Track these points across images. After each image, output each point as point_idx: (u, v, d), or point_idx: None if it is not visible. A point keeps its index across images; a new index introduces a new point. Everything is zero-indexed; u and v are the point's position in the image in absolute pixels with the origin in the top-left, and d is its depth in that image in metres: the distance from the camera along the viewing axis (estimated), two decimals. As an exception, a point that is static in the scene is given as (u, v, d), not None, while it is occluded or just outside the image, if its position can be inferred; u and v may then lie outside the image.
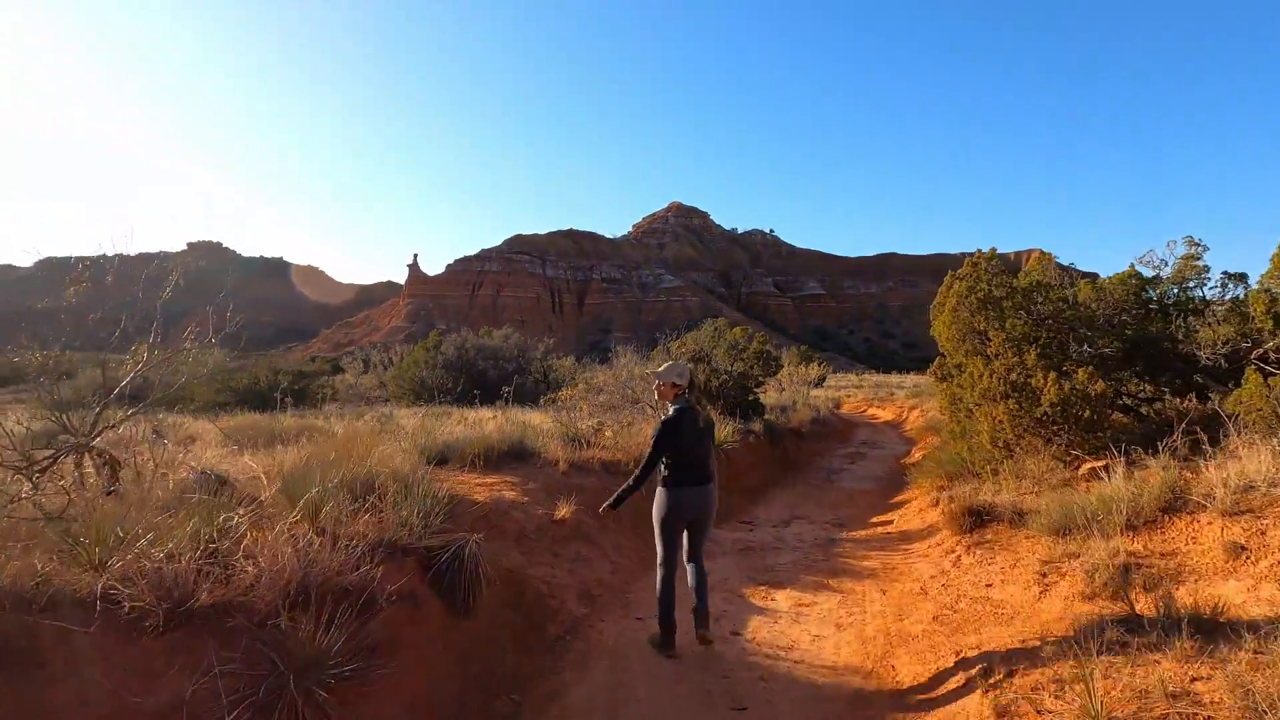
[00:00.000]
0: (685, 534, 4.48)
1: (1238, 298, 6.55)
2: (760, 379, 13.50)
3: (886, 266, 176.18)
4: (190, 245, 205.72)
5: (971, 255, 7.30)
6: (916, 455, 12.34)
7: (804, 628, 4.81)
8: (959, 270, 7.17)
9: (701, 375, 12.75)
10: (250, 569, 2.99)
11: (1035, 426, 5.85)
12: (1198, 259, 6.85)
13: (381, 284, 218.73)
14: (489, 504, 5.38)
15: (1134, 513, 4.47)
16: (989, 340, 6.54)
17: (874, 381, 48.55)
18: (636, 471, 4.35)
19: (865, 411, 31.96)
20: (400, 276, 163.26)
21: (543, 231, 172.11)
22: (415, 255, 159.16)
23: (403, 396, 25.00)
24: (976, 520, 5.63)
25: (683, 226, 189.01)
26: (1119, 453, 5.07)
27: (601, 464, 7.32)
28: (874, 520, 8.09)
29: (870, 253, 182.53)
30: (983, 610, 4.50)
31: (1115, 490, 4.65)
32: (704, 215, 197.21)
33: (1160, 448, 4.90)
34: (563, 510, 5.77)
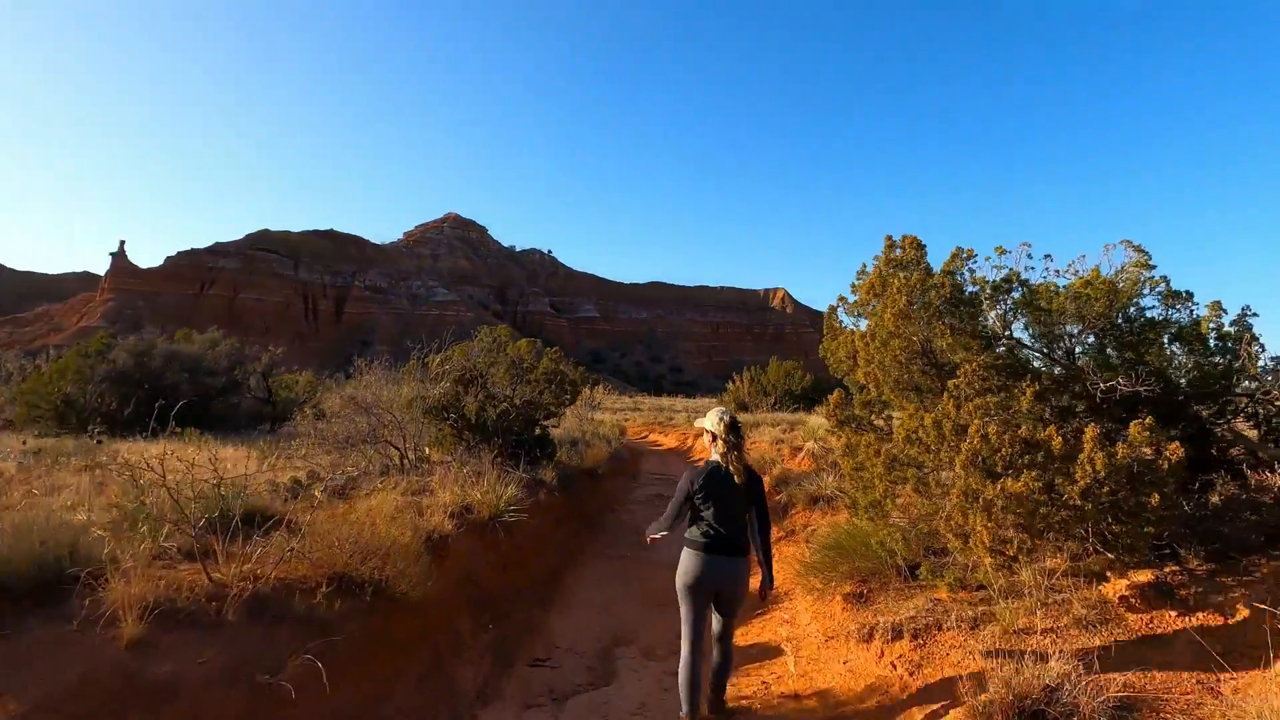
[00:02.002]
0: (714, 610, 4.01)
1: (1196, 320, 4.85)
2: (552, 408, 10.32)
3: (656, 295, 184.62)
4: None
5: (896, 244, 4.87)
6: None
7: None
8: (896, 255, 4.67)
9: (472, 404, 9.22)
10: None
11: (1065, 519, 3.40)
12: (1148, 267, 5.06)
13: (73, 275, 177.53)
14: None
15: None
16: (951, 372, 4.10)
17: (652, 405, 48.06)
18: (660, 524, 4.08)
19: (648, 438, 30.44)
20: (102, 267, 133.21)
21: (296, 229, 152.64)
22: (122, 242, 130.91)
23: (35, 421, 17.65)
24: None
25: (459, 238, 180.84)
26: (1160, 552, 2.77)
27: (248, 602, 3.57)
28: (752, 652, 5.20)
29: (642, 280, 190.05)
30: None
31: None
32: (482, 229, 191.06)
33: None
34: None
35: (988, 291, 4.47)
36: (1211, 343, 4.51)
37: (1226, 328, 4.50)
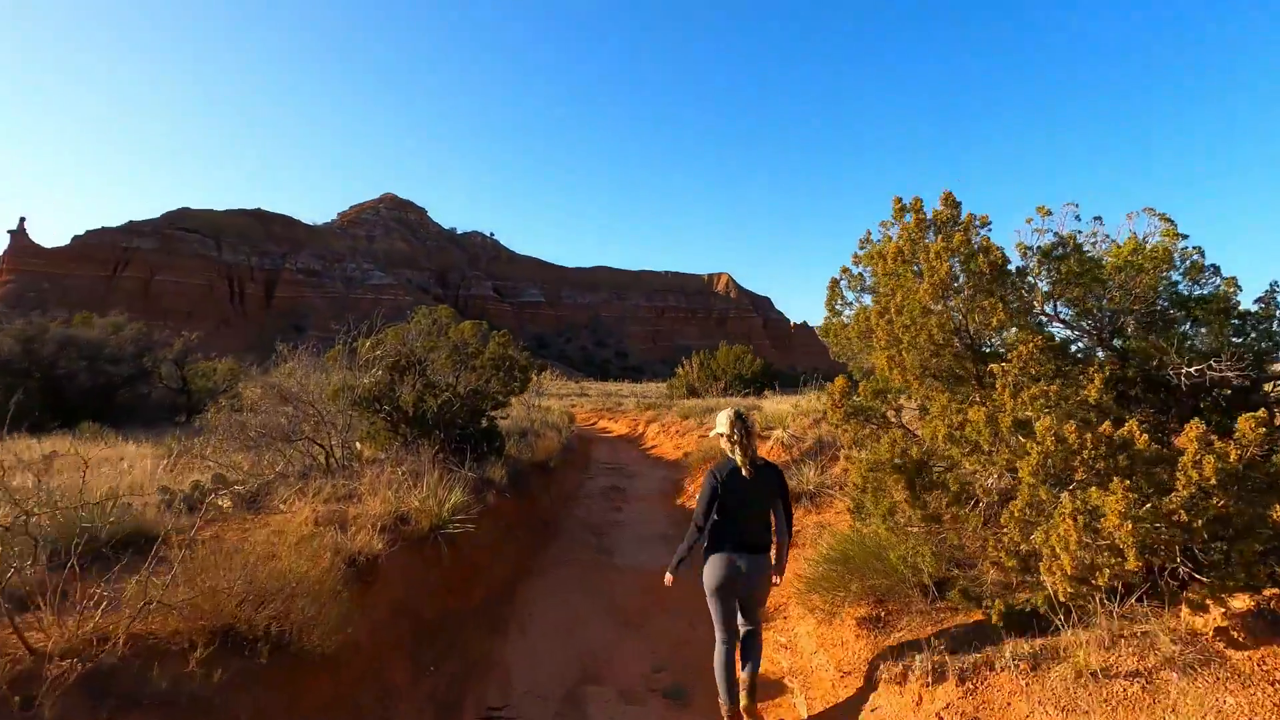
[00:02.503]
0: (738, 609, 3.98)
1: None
2: (500, 397, 9.29)
3: (600, 279, 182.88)
4: None
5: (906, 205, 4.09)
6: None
7: None
8: (920, 218, 3.86)
9: (409, 394, 8.14)
10: None
11: (1165, 539, 2.69)
12: (1179, 237, 4.45)
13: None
14: None
15: None
16: (989, 357, 3.36)
17: (599, 390, 47.01)
18: (690, 531, 3.92)
19: (596, 424, 29.55)
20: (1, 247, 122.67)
21: (220, 208, 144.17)
22: (22, 219, 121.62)
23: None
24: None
25: (396, 220, 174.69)
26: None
27: (81, 682, 2.53)
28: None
29: (586, 264, 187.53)
30: None
31: None
32: (421, 210, 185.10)
33: None
34: None
35: (1035, 259, 3.74)
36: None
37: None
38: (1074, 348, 4.25)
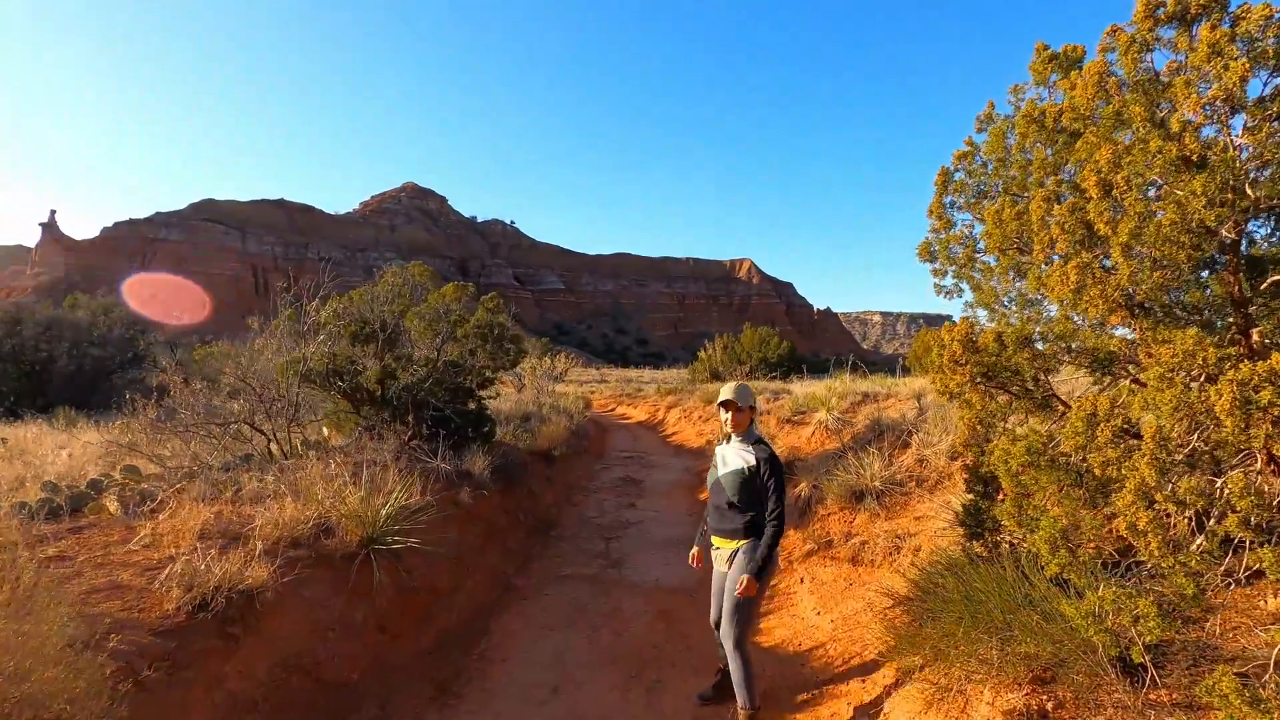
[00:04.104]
0: None
1: None
2: (488, 372, 7.71)
3: (621, 266, 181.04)
4: None
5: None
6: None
7: None
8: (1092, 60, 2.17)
9: (373, 368, 6.64)
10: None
11: None
12: None
13: (4, 249, 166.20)
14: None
15: None
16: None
17: (619, 376, 45.49)
18: (774, 523, 3.28)
19: (614, 410, 28.11)
20: (34, 240, 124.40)
21: (244, 199, 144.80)
22: (53, 212, 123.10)
23: None
24: None
25: (417, 209, 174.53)
26: None
27: None
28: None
29: (607, 251, 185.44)
30: None
31: None
32: (441, 199, 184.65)
33: None
34: None
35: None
36: None
37: None
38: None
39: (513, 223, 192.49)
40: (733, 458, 3.46)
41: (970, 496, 3.32)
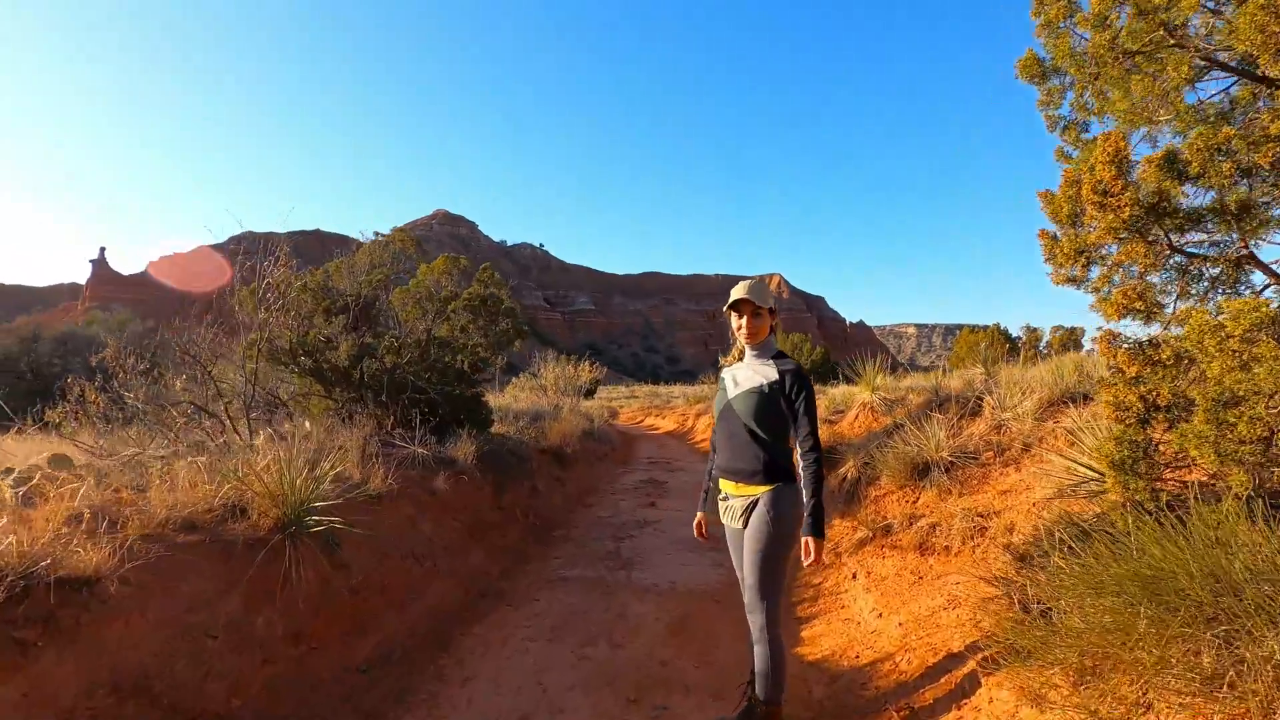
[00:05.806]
0: None
1: None
2: (482, 351, 6.77)
3: (651, 285, 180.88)
4: None
5: None
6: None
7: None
8: None
9: (346, 346, 5.79)
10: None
11: None
12: None
13: (63, 286, 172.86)
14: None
15: None
16: None
17: (648, 391, 44.51)
18: (813, 454, 2.36)
19: (643, 422, 27.18)
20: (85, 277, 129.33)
21: (282, 230, 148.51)
22: (102, 249, 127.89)
23: None
24: None
25: (448, 235, 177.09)
26: None
27: None
28: None
29: (636, 270, 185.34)
30: None
31: None
32: (471, 225, 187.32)
33: None
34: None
35: None
36: None
37: None
38: None
39: (542, 246, 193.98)
40: (747, 376, 2.49)
41: (1122, 427, 2.24)
